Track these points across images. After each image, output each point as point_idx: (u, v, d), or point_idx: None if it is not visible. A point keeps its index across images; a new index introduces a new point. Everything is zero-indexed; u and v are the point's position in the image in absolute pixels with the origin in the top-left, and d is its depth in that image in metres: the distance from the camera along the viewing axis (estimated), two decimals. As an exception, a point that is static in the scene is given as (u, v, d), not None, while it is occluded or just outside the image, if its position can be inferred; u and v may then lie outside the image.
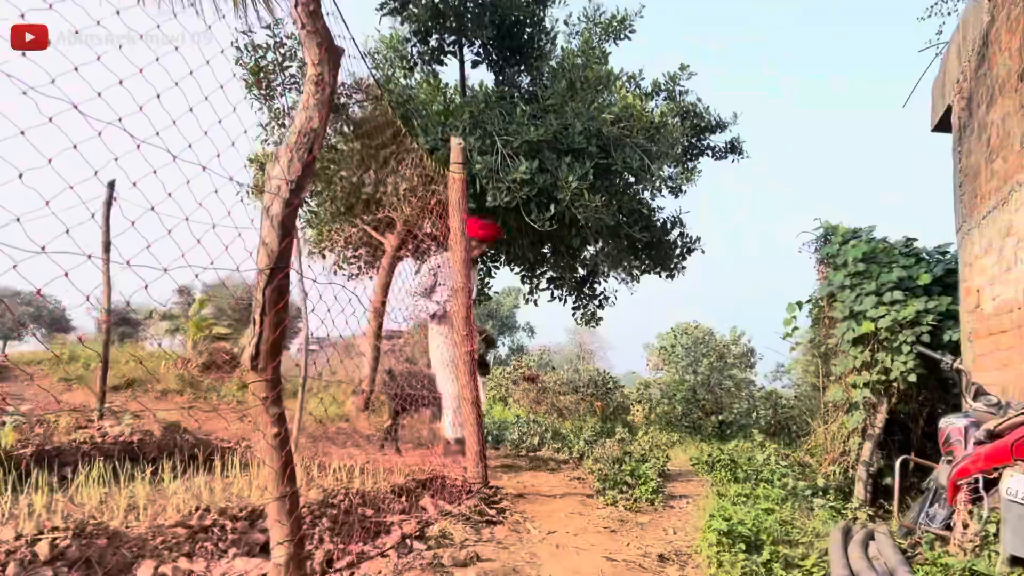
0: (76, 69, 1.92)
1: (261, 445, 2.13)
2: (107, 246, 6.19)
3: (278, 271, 2.14)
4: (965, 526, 3.32)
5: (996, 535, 3.08)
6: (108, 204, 6.28)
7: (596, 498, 4.81)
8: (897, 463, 4.36)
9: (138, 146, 2.04)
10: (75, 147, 1.92)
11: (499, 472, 5.69)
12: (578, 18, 9.21)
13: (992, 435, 3.33)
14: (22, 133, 1.77)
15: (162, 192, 2.09)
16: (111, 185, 6.25)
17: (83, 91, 1.92)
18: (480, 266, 6.08)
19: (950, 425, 4.02)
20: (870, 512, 5.18)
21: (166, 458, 4.18)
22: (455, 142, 4.93)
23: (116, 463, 3.90)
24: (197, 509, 2.79)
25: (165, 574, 2.11)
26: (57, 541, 2.11)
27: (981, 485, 3.30)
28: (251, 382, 2.16)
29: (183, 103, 2.15)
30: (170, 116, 2.07)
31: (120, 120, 1.96)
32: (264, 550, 2.55)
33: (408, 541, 3.03)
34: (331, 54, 2.25)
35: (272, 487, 2.13)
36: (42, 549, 2.06)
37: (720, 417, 11.49)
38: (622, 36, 9.18)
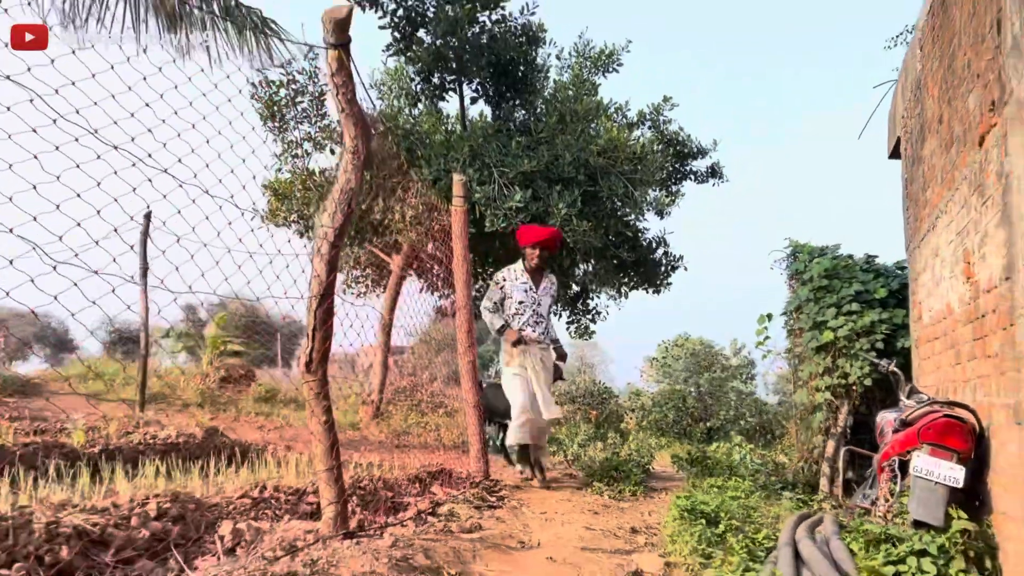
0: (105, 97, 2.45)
1: (315, 429, 2.80)
2: (144, 272, 6.90)
3: (327, 297, 2.82)
4: (886, 500, 3.97)
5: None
6: (145, 234, 6.98)
7: (585, 489, 5.47)
8: (842, 453, 5.01)
9: (193, 202, 2.73)
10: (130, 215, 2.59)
11: (500, 469, 6.34)
12: (569, 53, 9.98)
13: (905, 424, 3.99)
14: (56, 178, 2.22)
15: (192, 223, 2.73)
16: (147, 216, 6.98)
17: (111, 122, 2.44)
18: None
19: (884, 419, 4.68)
20: (833, 504, 5.82)
21: (209, 457, 4.84)
22: (457, 178, 5.59)
23: (168, 460, 4.56)
24: (256, 485, 3.46)
25: (241, 530, 2.77)
26: (161, 504, 2.78)
27: (897, 465, 3.95)
28: (306, 382, 2.83)
29: (203, 137, 2.78)
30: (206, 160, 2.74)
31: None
32: (311, 516, 3.21)
33: (423, 515, 3.69)
34: (364, 131, 2.95)
35: (323, 460, 2.80)
36: (151, 508, 2.73)
37: (708, 423, 12.13)
38: (610, 69, 9.94)
